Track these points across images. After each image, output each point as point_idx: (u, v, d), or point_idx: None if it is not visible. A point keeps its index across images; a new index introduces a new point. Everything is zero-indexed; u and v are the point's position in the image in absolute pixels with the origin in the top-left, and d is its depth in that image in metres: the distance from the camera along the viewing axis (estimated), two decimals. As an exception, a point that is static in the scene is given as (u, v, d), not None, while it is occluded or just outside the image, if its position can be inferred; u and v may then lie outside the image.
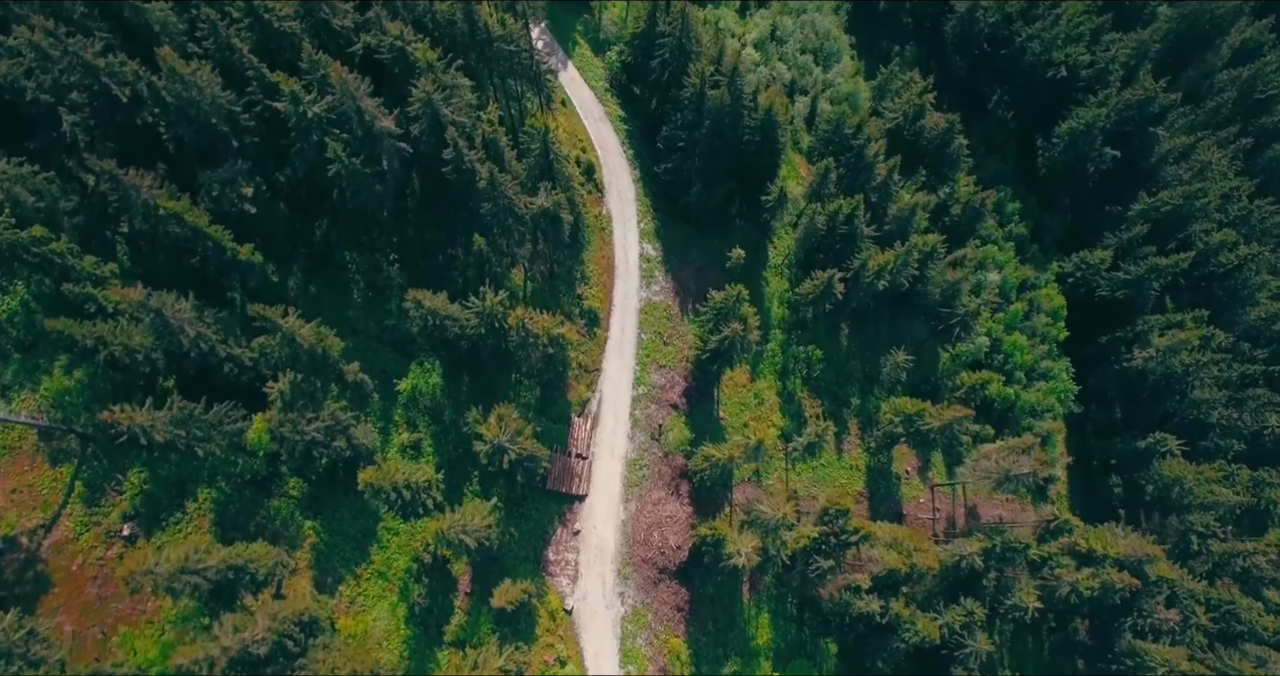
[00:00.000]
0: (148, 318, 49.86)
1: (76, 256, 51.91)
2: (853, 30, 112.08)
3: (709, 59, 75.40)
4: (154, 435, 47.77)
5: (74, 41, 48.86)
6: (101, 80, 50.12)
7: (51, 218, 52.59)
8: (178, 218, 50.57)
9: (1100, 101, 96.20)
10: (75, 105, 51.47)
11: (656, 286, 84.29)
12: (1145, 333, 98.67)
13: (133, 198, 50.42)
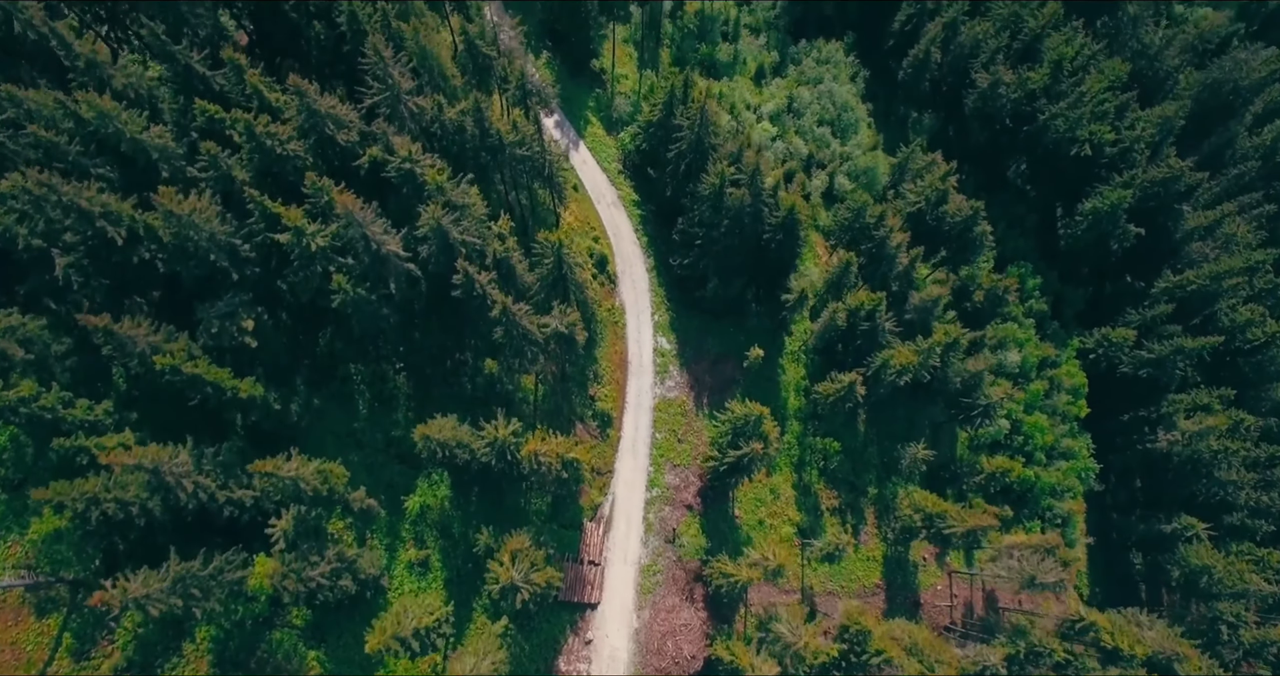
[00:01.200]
0: (143, 475, 47.11)
1: (68, 405, 49.14)
2: (870, 96, 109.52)
3: (728, 157, 72.76)
4: (150, 607, 44.95)
5: (68, 187, 46.10)
6: (96, 225, 47.39)
7: (43, 362, 49.85)
8: (175, 369, 47.77)
9: (1125, 181, 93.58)
10: (69, 247, 48.74)
11: (671, 382, 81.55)
12: (1170, 415, 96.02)
13: (129, 347, 47.66)
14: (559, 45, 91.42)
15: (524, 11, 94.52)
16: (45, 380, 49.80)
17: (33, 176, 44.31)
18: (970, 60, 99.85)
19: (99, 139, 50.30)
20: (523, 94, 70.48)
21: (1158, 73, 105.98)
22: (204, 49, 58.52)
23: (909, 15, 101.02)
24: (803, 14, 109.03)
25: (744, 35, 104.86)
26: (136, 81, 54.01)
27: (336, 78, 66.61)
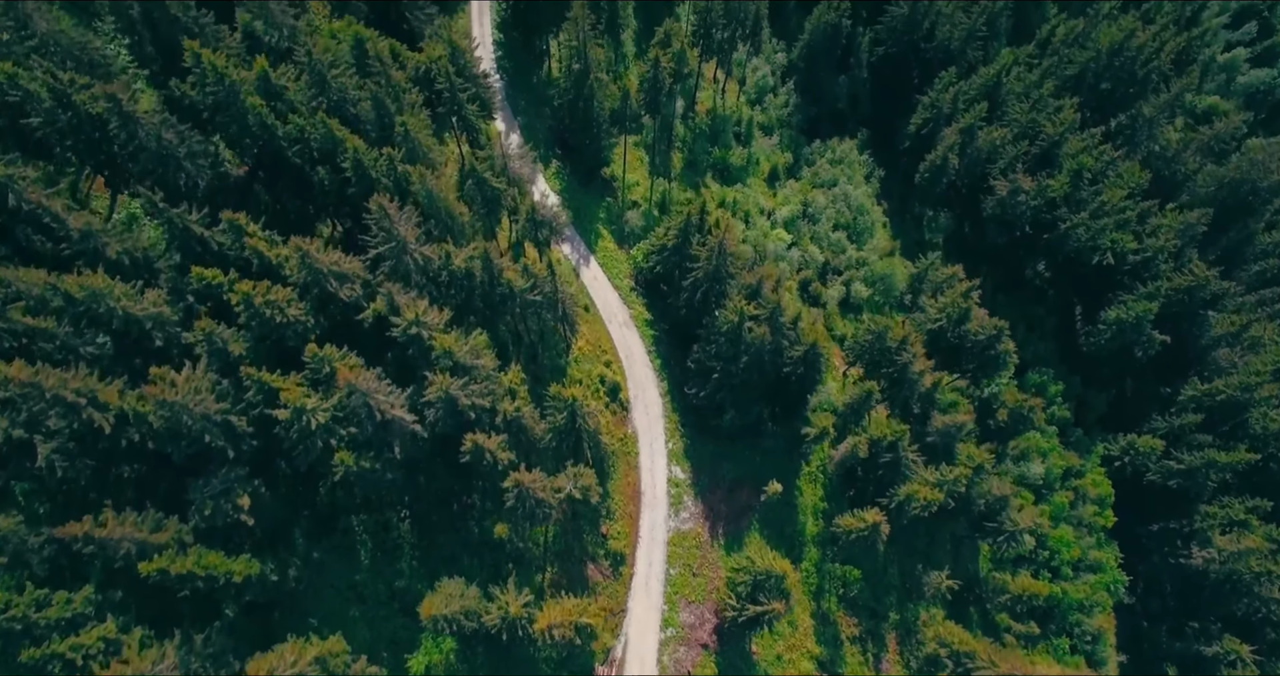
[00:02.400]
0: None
1: (43, 606, 45.61)
2: (885, 193, 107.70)
3: (745, 289, 70.22)
4: None
5: (53, 380, 43.20)
6: (83, 417, 44.39)
7: (19, 557, 46.46)
8: (163, 572, 44.42)
9: (1150, 292, 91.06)
10: (52, 433, 45.69)
11: (685, 513, 78.00)
12: (1205, 530, 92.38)
13: (112, 549, 44.35)
14: (568, 154, 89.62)
15: (533, 116, 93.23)
16: (20, 576, 46.31)
17: (16, 372, 41.40)
18: (988, 165, 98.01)
19: (90, 315, 47.55)
20: (533, 226, 68.16)
21: (1175, 174, 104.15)
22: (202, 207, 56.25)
23: (925, 119, 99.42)
24: (816, 113, 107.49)
25: (757, 135, 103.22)
26: (132, 246, 51.49)
27: (342, 216, 64.32)
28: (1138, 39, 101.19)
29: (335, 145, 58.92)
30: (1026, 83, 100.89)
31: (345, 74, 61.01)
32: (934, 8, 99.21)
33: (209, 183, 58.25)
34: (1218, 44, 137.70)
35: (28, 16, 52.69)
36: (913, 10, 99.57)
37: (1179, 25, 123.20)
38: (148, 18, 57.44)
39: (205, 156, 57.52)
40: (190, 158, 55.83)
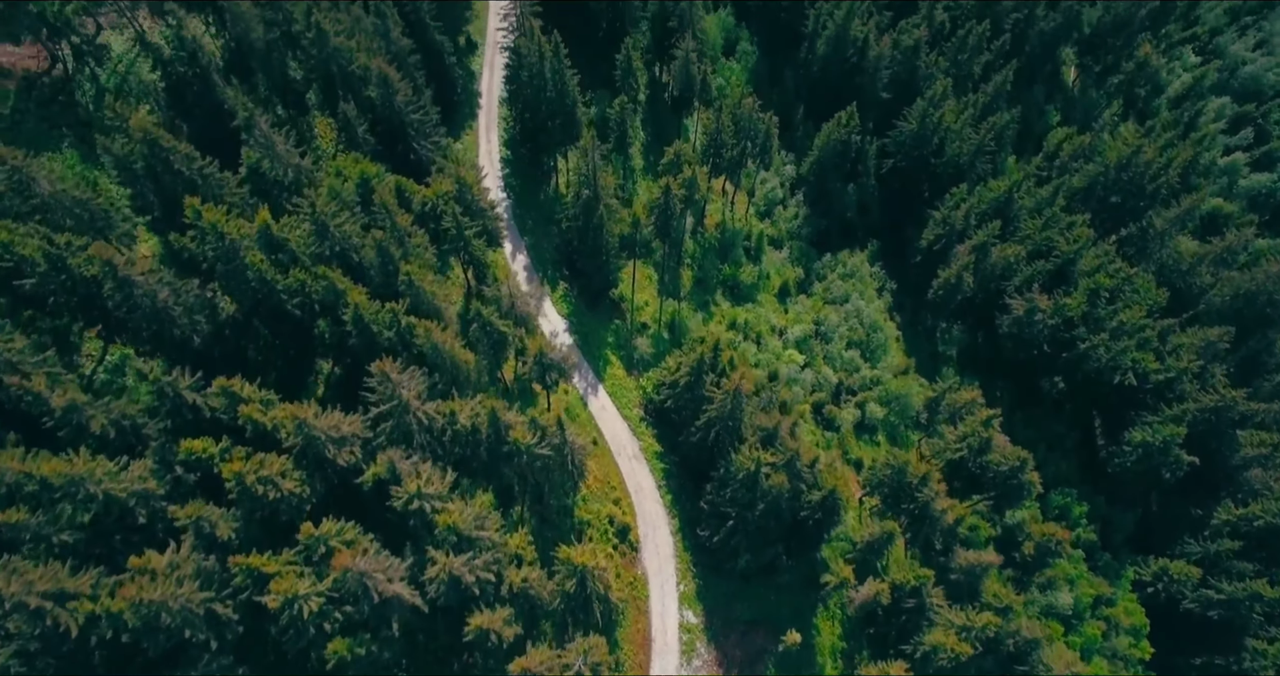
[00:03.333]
0: None
1: None
2: (897, 305, 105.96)
3: (761, 432, 67.22)
4: None
5: (15, 585, 39.63)
6: (48, 623, 40.63)
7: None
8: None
9: (1176, 415, 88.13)
10: (11, 636, 41.85)
11: (699, 661, 73.07)
12: (1255, 672, 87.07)
13: (75, 771, 40.01)
14: (576, 275, 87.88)
15: (540, 235, 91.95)
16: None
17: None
18: (1002, 282, 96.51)
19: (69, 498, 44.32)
20: (541, 369, 65.58)
21: (1191, 287, 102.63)
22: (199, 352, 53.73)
23: (937, 235, 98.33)
24: (826, 226, 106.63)
25: (767, 250, 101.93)
26: (120, 415, 48.64)
27: (343, 362, 61.78)
28: (1145, 155, 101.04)
29: (337, 296, 56.76)
30: (1038, 198, 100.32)
31: (349, 221, 59.36)
32: (942, 125, 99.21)
33: (206, 333, 55.83)
34: (1217, 148, 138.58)
35: (31, 178, 51.11)
36: (922, 127, 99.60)
37: (1178, 130, 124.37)
38: (150, 170, 56.03)
39: (202, 309, 55.30)
40: (187, 313, 53.55)
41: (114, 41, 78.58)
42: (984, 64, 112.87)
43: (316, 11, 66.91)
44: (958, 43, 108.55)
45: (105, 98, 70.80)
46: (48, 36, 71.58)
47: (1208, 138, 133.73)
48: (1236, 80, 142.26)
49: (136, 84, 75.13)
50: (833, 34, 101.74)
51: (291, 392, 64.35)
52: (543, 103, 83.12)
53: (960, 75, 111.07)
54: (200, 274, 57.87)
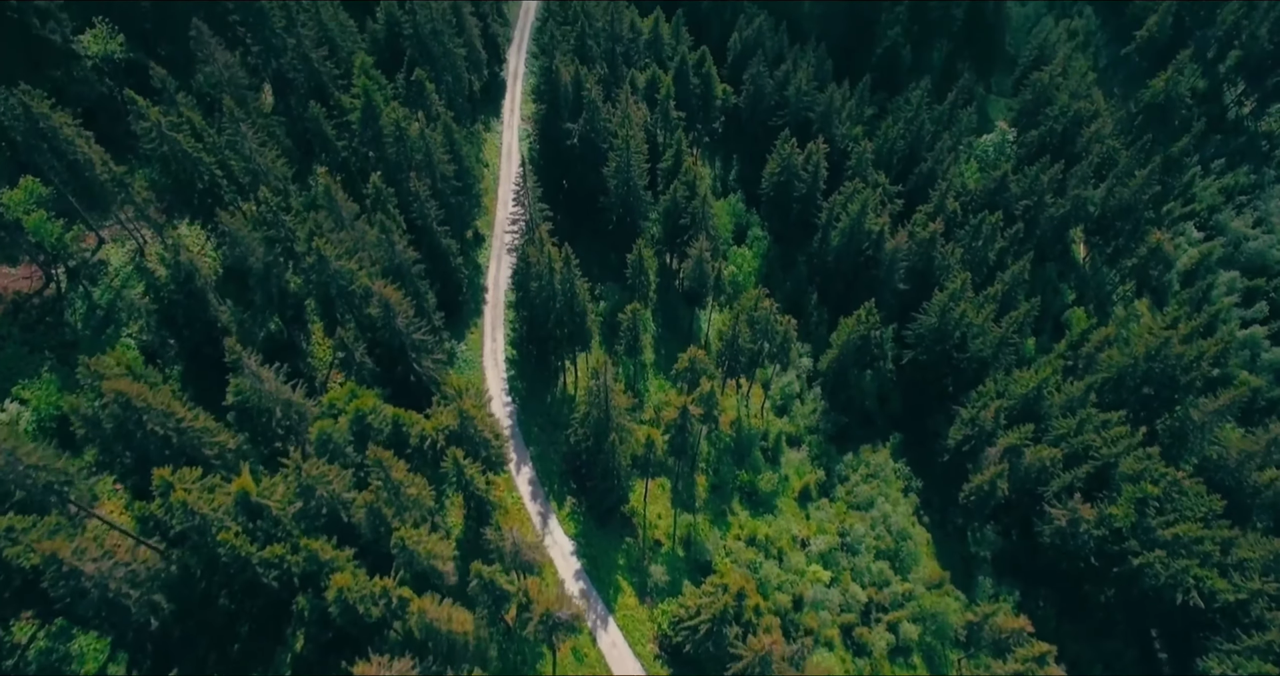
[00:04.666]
0: None
1: None
2: (925, 503, 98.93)
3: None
4: None
5: None
6: None
7: None
8: None
9: (1259, 647, 79.10)
10: None
11: None
12: None
13: None
14: (584, 490, 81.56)
15: (546, 445, 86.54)
16: None
17: None
18: (1039, 486, 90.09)
19: None
20: (548, 629, 57.92)
21: (1243, 486, 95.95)
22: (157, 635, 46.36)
23: (965, 436, 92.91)
24: (846, 423, 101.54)
25: (785, 450, 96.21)
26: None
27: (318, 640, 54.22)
28: (1174, 347, 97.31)
29: (320, 567, 50.16)
30: (1069, 396, 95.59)
31: (338, 478, 53.69)
32: (964, 320, 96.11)
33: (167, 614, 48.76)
34: (1234, 322, 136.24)
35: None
36: (942, 321, 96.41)
37: (1192, 306, 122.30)
38: (121, 431, 51.00)
39: (164, 587, 48.51)
40: (145, 598, 46.75)
41: (113, 254, 76.16)
42: (998, 250, 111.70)
43: (318, 238, 64.25)
44: (971, 231, 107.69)
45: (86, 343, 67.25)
46: (44, 260, 69.06)
47: (1223, 311, 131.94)
48: (1242, 255, 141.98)
49: (127, 304, 71.90)
50: (846, 227, 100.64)
51: (260, 659, 56.68)
52: (551, 312, 79.88)
53: (975, 261, 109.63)
54: (168, 540, 51.57)
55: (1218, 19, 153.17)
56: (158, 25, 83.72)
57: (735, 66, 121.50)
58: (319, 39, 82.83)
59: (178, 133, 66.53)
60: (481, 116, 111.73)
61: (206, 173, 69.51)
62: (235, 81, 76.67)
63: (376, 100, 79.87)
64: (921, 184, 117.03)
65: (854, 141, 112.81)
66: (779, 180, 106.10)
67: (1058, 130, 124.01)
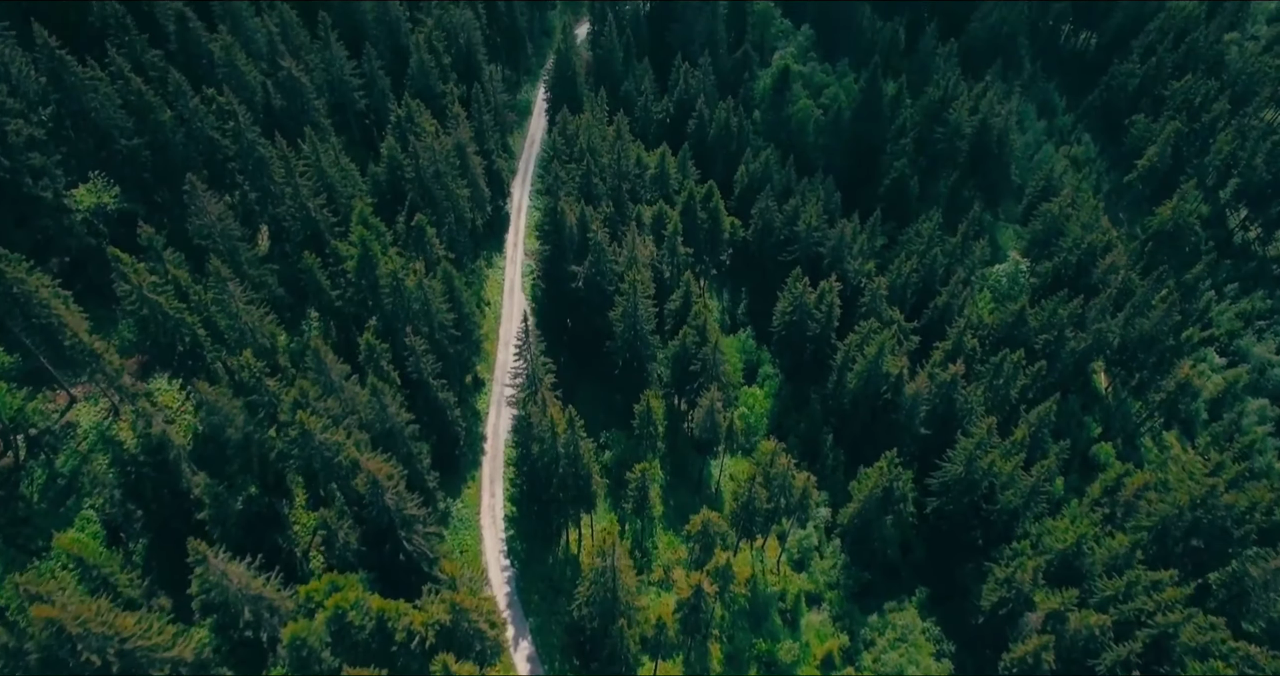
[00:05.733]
0: None
1: None
2: (959, 667, 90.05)
3: None
4: None
5: None
6: None
7: None
8: None
9: None
10: None
11: None
12: None
13: None
14: (588, 671, 73.40)
15: (547, 614, 78.92)
16: None
17: None
18: (1088, 657, 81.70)
19: None
20: None
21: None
22: None
23: (1001, 598, 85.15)
24: (870, 580, 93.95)
25: (805, 611, 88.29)
26: None
27: None
28: (1222, 497, 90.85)
29: None
30: (1112, 552, 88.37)
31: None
32: (992, 469, 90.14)
33: None
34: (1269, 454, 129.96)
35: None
36: (969, 471, 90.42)
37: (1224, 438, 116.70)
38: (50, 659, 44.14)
39: None
40: None
41: (84, 415, 71.06)
42: (1020, 388, 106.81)
43: (301, 411, 59.22)
44: (992, 370, 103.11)
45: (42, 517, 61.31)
46: (3, 430, 63.94)
47: (1257, 442, 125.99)
48: (1269, 382, 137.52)
49: (90, 476, 66.23)
50: (863, 370, 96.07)
51: None
52: (553, 475, 74.09)
53: (997, 399, 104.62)
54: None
55: (1213, 148, 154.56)
56: (157, 174, 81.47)
57: (742, 198, 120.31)
58: (317, 187, 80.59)
59: (160, 295, 62.62)
60: (484, 252, 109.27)
61: (189, 334, 65.24)
62: (227, 233, 73.61)
63: (374, 250, 76.73)
64: (937, 318, 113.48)
65: (867, 277, 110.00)
66: (791, 319, 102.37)
67: (1072, 261, 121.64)
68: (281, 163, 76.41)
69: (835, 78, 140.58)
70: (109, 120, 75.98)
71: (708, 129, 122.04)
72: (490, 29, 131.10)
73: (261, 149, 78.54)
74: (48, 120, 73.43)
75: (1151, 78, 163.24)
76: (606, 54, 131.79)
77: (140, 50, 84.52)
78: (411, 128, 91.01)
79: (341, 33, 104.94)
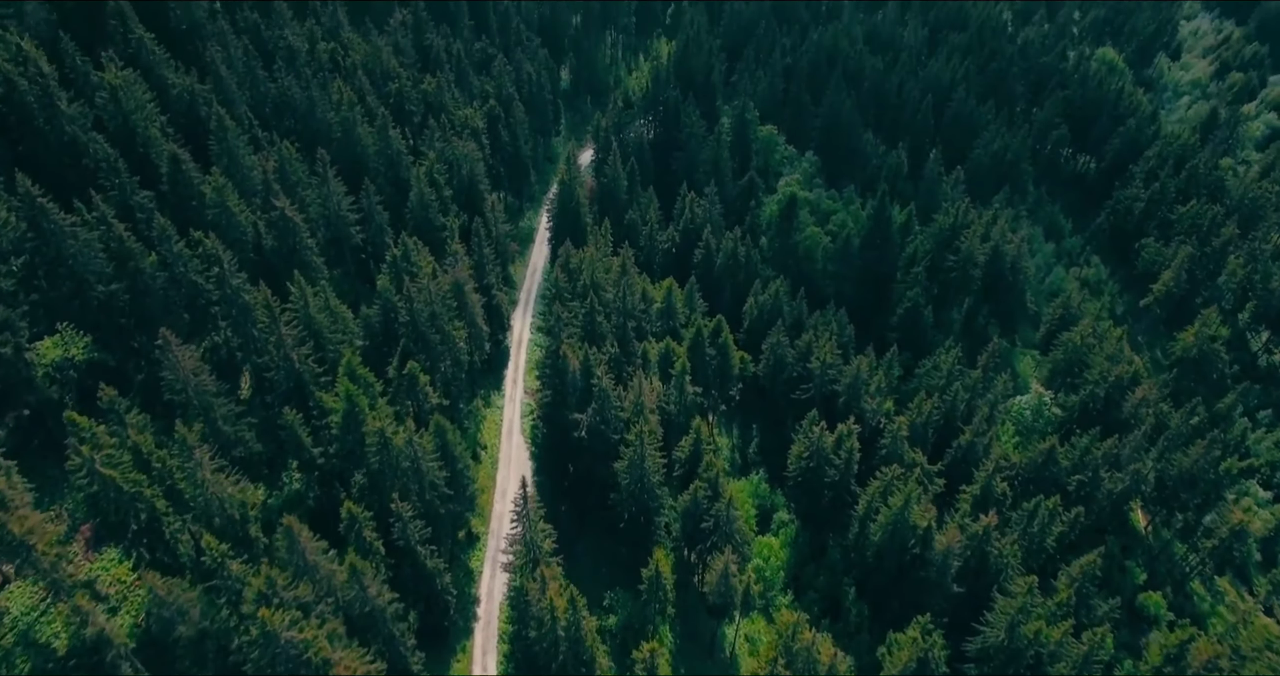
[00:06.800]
0: None
1: None
2: None
3: None
4: None
5: None
6: None
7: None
8: None
9: None
10: None
11: None
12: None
13: None
14: None
15: None
16: None
17: None
18: None
19: None
20: None
21: None
22: None
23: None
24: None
25: None
26: None
27: None
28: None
29: None
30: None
31: None
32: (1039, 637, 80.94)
33: None
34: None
35: None
36: (1012, 638, 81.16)
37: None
38: None
39: None
40: None
41: (15, 599, 62.59)
42: (1057, 535, 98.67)
43: (265, 609, 51.60)
44: (1026, 516, 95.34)
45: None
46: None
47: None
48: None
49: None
50: (888, 522, 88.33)
51: None
52: (553, 660, 65.47)
53: (1032, 548, 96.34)
54: None
55: (1225, 271, 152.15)
56: (135, 320, 76.78)
57: (752, 330, 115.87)
58: (303, 336, 75.59)
59: (114, 468, 56.23)
60: (481, 391, 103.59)
61: (145, 510, 58.38)
62: (201, 389, 67.87)
63: (360, 405, 70.86)
64: (961, 458, 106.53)
65: (885, 417, 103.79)
66: (807, 465, 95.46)
67: (1099, 394, 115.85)
68: (265, 311, 71.61)
69: (842, 204, 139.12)
70: (86, 266, 71.77)
71: (715, 259, 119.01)
72: (494, 158, 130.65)
73: (246, 295, 74.02)
74: (19, 269, 69.11)
75: (1156, 201, 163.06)
76: (611, 182, 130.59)
77: (130, 192, 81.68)
78: (408, 267, 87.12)
79: (342, 166, 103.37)
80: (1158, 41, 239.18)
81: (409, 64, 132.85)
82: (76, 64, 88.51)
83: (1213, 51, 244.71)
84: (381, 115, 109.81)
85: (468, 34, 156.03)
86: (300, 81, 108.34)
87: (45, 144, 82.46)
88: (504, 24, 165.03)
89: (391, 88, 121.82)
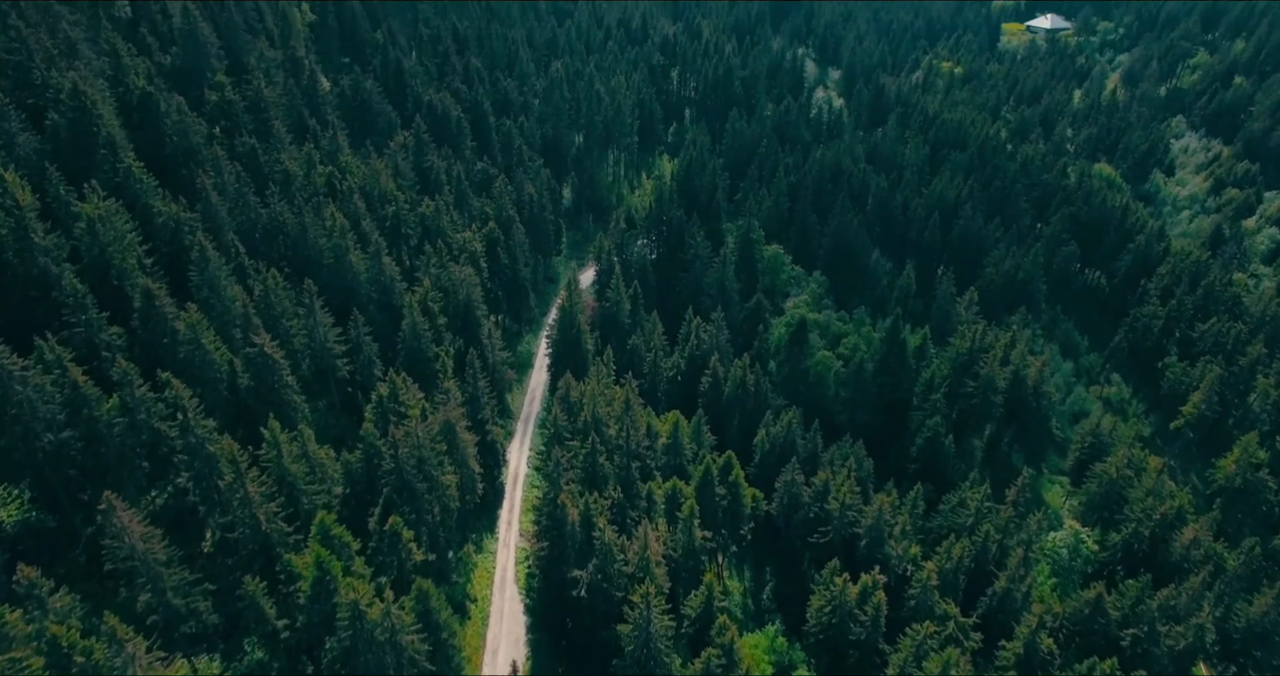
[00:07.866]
0: None
1: None
2: None
3: None
4: None
5: None
6: None
7: None
8: None
9: None
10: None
11: None
12: None
13: None
14: None
15: None
16: None
17: None
18: None
19: None
20: None
21: None
22: None
23: None
24: None
25: None
26: None
27: None
28: None
29: None
30: None
31: None
32: None
33: None
34: None
35: None
36: None
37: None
38: None
39: None
40: None
41: None
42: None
43: None
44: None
45: None
46: None
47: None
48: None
49: None
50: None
51: None
52: None
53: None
54: None
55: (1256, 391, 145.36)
56: (86, 471, 69.61)
57: (763, 465, 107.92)
58: (272, 492, 68.21)
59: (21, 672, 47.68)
60: (473, 535, 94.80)
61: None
62: (149, 558, 59.87)
63: (333, 572, 62.72)
64: (997, 607, 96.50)
65: (912, 564, 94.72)
66: (829, 621, 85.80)
67: (1144, 534, 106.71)
68: (231, 467, 64.50)
69: (853, 326, 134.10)
70: (34, 414, 65.26)
71: (722, 387, 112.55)
72: (492, 281, 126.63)
73: (211, 446, 67.12)
74: (-44, 418, 62.66)
75: (1174, 318, 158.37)
76: (613, 305, 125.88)
77: (97, 329, 76.27)
78: (395, 407, 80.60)
79: (332, 294, 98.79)
80: (1151, 158, 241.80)
81: (408, 186, 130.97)
82: (60, 194, 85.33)
83: (1205, 168, 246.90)
84: (375, 241, 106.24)
85: (469, 155, 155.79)
86: (293, 207, 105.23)
87: (14, 277, 77.98)
88: (506, 144, 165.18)
89: (388, 211, 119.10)
